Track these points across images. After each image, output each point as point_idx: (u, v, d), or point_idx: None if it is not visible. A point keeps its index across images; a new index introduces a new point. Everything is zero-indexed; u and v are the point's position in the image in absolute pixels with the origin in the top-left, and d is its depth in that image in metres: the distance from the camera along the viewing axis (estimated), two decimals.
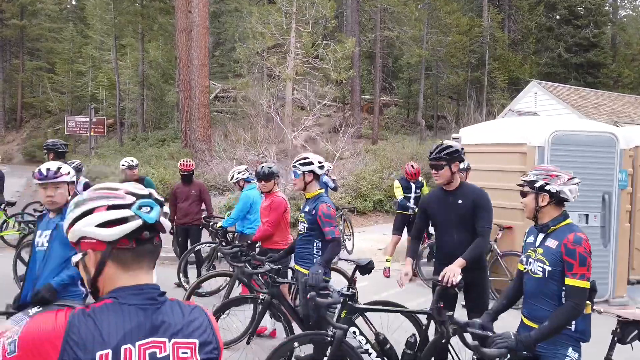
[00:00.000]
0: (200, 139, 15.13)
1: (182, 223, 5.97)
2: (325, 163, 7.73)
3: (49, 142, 5.37)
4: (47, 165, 2.91)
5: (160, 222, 1.20)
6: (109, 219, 1.16)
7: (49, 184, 2.88)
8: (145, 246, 1.21)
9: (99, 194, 1.21)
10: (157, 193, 1.30)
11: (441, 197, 3.53)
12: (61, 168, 2.89)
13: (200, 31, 15.05)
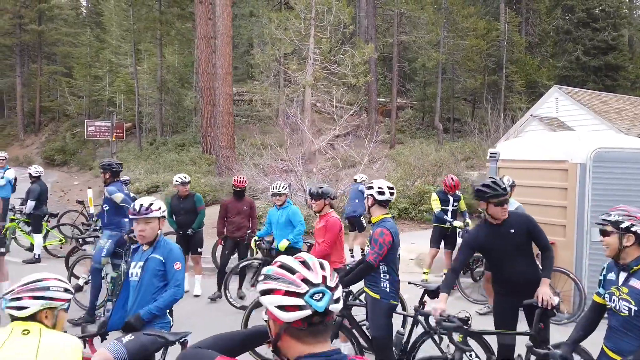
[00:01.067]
0: (225, 146, 15.34)
1: (234, 237, 6.15)
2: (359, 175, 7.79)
3: (105, 162, 5.55)
4: (140, 201, 3.07)
5: (330, 309, 1.34)
6: (285, 304, 1.32)
7: (140, 219, 3.05)
8: (317, 327, 1.34)
9: (281, 274, 1.36)
10: None
11: (492, 231, 3.59)
12: (152, 204, 3.05)
13: (224, 40, 15.26)
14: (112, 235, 5.33)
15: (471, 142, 23.40)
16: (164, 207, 3.12)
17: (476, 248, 3.70)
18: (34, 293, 2.06)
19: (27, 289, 2.06)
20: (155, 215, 3.03)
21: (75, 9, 49.21)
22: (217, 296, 6.15)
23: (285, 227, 5.59)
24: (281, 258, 1.42)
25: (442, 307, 3.39)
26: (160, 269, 3.09)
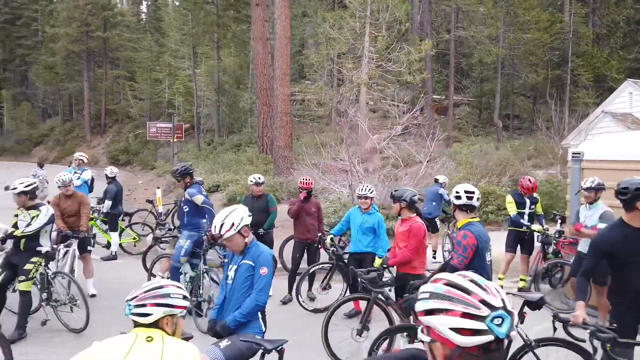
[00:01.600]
0: (283, 147, 15.50)
1: (304, 239, 6.15)
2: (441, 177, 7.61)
3: (179, 168, 5.69)
4: (215, 222, 3.05)
5: (510, 336, 1.22)
6: (461, 326, 1.21)
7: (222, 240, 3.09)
8: (493, 354, 1.23)
9: (456, 294, 1.25)
10: None
11: (630, 234, 3.27)
12: (224, 225, 3.02)
13: (282, 41, 15.42)
14: (191, 235, 5.48)
15: (534, 140, 22.39)
16: (241, 216, 3.07)
17: (608, 251, 3.37)
18: (157, 300, 2.10)
19: (150, 296, 2.11)
20: (230, 234, 3.03)
21: (136, 15, 51.57)
22: (288, 299, 6.17)
23: (368, 233, 5.44)
24: (446, 276, 1.31)
25: (584, 315, 3.14)
26: (250, 274, 3.11)
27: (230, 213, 3.05)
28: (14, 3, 51.94)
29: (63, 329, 5.06)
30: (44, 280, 5.06)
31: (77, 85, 45.03)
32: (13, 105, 48.17)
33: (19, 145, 46.25)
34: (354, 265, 5.51)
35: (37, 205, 5.09)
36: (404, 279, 4.56)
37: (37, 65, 46.87)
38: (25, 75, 53.35)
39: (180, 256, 5.45)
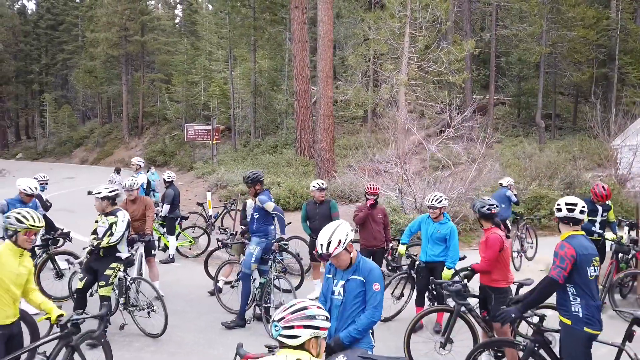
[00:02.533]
0: (325, 149, 15.49)
1: (370, 246, 6.08)
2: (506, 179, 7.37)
3: (250, 175, 5.70)
4: (320, 241, 3.01)
5: None
6: None
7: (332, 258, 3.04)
8: None
9: None
10: None
11: None
12: (331, 243, 2.96)
13: (325, 43, 15.42)
14: (260, 242, 5.51)
15: (579, 140, 21.71)
16: (346, 232, 3.01)
17: None
18: (304, 322, 2.09)
19: (296, 317, 2.10)
20: (339, 251, 2.98)
21: (172, 19, 52.69)
22: None
23: (439, 242, 5.32)
24: None
25: None
26: (361, 290, 3.06)
27: (335, 230, 2.99)
28: (55, 9, 53.91)
29: (140, 333, 5.16)
30: (122, 286, 5.18)
31: (116, 89, 46.34)
32: (55, 108, 49.96)
33: (60, 147, 47.94)
34: (424, 275, 5.42)
35: (114, 212, 5.21)
36: (485, 292, 4.46)
37: (77, 69, 48.49)
38: (66, 79, 55.28)
39: (251, 263, 5.48)
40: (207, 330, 5.44)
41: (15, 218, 3.42)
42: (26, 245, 3.43)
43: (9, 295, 3.36)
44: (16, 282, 3.39)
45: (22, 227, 3.40)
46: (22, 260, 3.47)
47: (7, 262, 3.36)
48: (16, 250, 3.42)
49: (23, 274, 3.46)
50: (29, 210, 3.50)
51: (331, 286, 3.18)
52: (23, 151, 50.16)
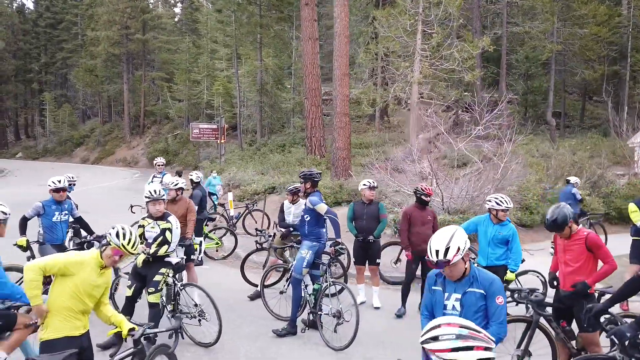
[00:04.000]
0: (342, 148, 15.23)
1: (421, 249, 5.82)
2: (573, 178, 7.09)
3: (306, 172, 5.44)
4: (435, 246, 2.75)
5: None
6: None
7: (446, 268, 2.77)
8: None
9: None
10: None
11: None
12: (449, 250, 2.66)
13: (342, 40, 15.16)
14: (312, 246, 5.24)
15: (590, 139, 21.57)
16: (464, 239, 2.74)
17: None
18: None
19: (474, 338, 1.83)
20: (457, 259, 2.71)
21: (173, 17, 52.24)
22: (403, 313, 5.87)
23: (501, 245, 5.04)
24: None
25: None
26: (482, 304, 2.79)
27: (453, 235, 2.71)
28: (55, 8, 53.38)
29: (190, 342, 4.89)
30: (171, 292, 4.92)
31: (117, 87, 45.91)
32: (55, 107, 49.47)
33: (60, 146, 47.49)
34: None
35: (165, 216, 4.95)
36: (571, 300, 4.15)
37: (77, 68, 48.00)
38: (66, 78, 54.77)
39: (302, 267, 5.22)
40: (258, 338, 5.18)
41: (117, 231, 3.22)
42: (107, 262, 3.22)
43: (82, 306, 3.13)
44: (91, 293, 3.17)
45: (114, 242, 3.19)
46: (103, 273, 3.26)
47: (88, 272, 3.15)
48: (100, 262, 3.21)
49: (100, 287, 3.24)
50: (134, 232, 3.27)
51: (441, 300, 2.89)
52: (23, 150, 49.67)
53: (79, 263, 3.12)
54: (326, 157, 20.43)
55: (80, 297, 3.10)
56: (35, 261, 3.08)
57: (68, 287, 3.08)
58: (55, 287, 3.12)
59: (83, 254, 3.20)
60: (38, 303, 3.06)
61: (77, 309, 3.12)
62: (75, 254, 3.22)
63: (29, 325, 3.52)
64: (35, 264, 3.05)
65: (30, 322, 3.53)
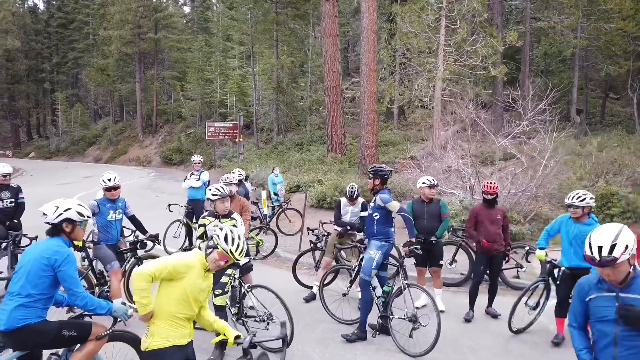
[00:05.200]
0: (369, 145, 14.93)
1: (490, 250, 5.52)
2: None
3: (376, 167, 5.14)
4: (600, 243, 2.45)
5: None
6: None
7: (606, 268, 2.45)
8: None
9: None
10: None
11: None
12: (616, 246, 2.38)
13: (369, 36, 14.86)
14: (381, 246, 4.94)
15: (617, 136, 21.09)
16: (633, 237, 2.43)
17: None
18: None
19: None
20: (625, 258, 2.36)
21: (184, 16, 52.14)
22: (472, 316, 5.57)
23: (584, 246, 4.74)
24: None
25: None
26: None
27: (620, 232, 2.39)
28: (66, 8, 53.45)
29: None
30: (236, 294, 4.65)
31: (128, 87, 45.84)
32: (67, 107, 49.53)
33: (73, 145, 47.52)
34: (567, 283, 4.84)
35: (230, 214, 4.69)
36: None
37: (89, 68, 48.01)
38: (77, 78, 54.87)
39: (371, 269, 4.92)
40: (327, 343, 4.90)
41: (225, 234, 2.95)
42: (212, 266, 2.96)
43: (189, 312, 2.88)
44: (197, 298, 2.91)
45: (222, 247, 2.92)
46: (207, 276, 3.01)
47: (195, 275, 2.89)
48: (205, 265, 2.95)
49: (204, 291, 2.98)
50: (241, 237, 3.01)
51: (600, 310, 2.52)
52: (36, 150, 49.77)
53: (187, 266, 2.86)
54: (347, 155, 20.16)
55: (188, 302, 2.85)
56: (144, 268, 2.81)
57: (175, 292, 2.82)
58: (162, 292, 2.85)
59: (188, 257, 2.93)
60: (147, 311, 2.81)
61: (184, 315, 2.86)
62: (181, 256, 2.94)
63: (102, 336, 3.28)
64: (145, 271, 2.78)
65: (104, 332, 3.29)
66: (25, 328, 3.02)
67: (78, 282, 3.16)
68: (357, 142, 24.06)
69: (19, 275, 3.11)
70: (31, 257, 3.13)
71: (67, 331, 3.15)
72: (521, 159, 10.42)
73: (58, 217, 3.21)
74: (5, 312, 3.02)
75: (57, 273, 3.08)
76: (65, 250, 3.17)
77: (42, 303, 3.11)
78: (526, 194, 9.98)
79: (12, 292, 3.08)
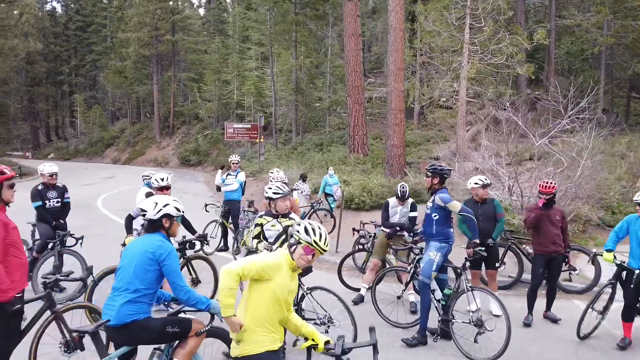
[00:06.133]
0: (397, 145, 14.73)
1: (548, 251, 5.32)
2: None
3: (436, 166, 4.95)
4: None
5: None
6: None
7: None
8: None
9: None
10: None
11: None
12: None
13: (397, 34, 14.67)
14: (441, 247, 4.79)
15: None
16: None
17: None
18: None
19: None
20: None
21: (201, 18, 52.41)
22: (531, 321, 5.36)
23: None
24: None
25: None
26: None
27: None
28: (84, 11, 54.07)
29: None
30: (295, 296, 4.52)
31: (146, 89, 46.17)
32: (85, 109, 50.05)
33: (91, 147, 48.00)
34: (636, 286, 4.65)
35: (288, 214, 4.58)
36: None
37: (107, 70, 48.46)
38: (95, 80, 55.43)
39: (432, 271, 4.77)
40: (387, 348, 4.75)
41: (304, 227, 2.81)
42: (300, 262, 2.80)
43: (280, 315, 2.76)
44: (287, 299, 2.78)
45: (305, 240, 2.77)
46: (294, 277, 2.86)
47: (284, 276, 2.75)
48: (291, 263, 2.81)
49: (293, 292, 2.86)
50: (321, 227, 2.87)
51: None
52: (55, 151, 50.37)
53: (276, 266, 2.72)
54: (369, 156, 19.98)
55: (279, 304, 2.72)
56: (232, 266, 2.67)
57: (265, 294, 2.69)
58: (252, 295, 2.72)
59: (276, 257, 2.79)
60: (230, 314, 2.66)
61: (276, 319, 2.74)
62: (267, 255, 2.82)
63: (201, 332, 3.27)
64: (233, 269, 2.64)
65: (202, 328, 3.27)
66: (134, 324, 3.05)
67: (181, 276, 3.19)
68: (377, 142, 23.89)
69: (124, 271, 3.16)
70: (135, 252, 3.17)
71: (171, 327, 3.18)
72: (561, 158, 10.13)
73: (158, 212, 3.26)
74: (114, 307, 3.06)
75: (161, 267, 3.12)
76: (168, 244, 3.21)
77: (149, 298, 3.15)
78: (567, 195, 9.73)
79: (119, 287, 3.13)
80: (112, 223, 11.67)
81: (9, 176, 3.37)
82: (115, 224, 11.56)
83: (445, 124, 24.26)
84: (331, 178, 12.00)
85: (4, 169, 3.39)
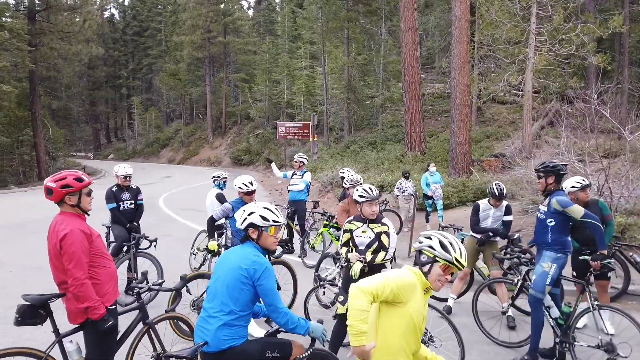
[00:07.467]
0: (462, 142, 13.97)
1: None
2: None
3: (549, 164, 4.33)
4: None
5: None
6: None
7: None
8: None
9: None
10: None
11: None
12: None
13: (462, 25, 13.93)
14: (557, 258, 4.21)
15: None
16: None
17: None
18: None
19: None
20: None
21: (251, 19, 53.07)
22: None
23: None
24: None
25: None
26: None
27: None
28: (140, 16, 56.08)
29: None
30: None
31: (199, 90, 47.26)
32: (142, 111, 51.93)
33: (148, 147, 49.71)
34: None
35: (379, 219, 4.16)
36: None
37: (162, 73, 50.02)
38: (151, 83, 57.39)
39: (545, 284, 4.19)
40: None
41: (440, 242, 2.36)
42: (436, 285, 2.36)
43: (415, 346, 2.34)
44: (422, 327, 2.37)
45: (444, 258, 2.32)
46: (426, 299, 2.41)
47: (419, 299, 2.31)
48: (425, 284, 2.36)
49: (426, 319, 2.42)
50: (458, 242, 2.43)
51: None
52: (114, 152, 52.60)
53: (411, 286, 2.29)
54: (427, 154, 19.24)
55: (416, 332, 2.30)
56: (364, 284, 2.26)
57: (402, 320, 2.27)
58: (384, 321, 2.30)
59: (409, 275, 2.35)
60: (362, 344, 2.17)
61: (411, 350, 2.32)
62: (400, 274, 2.35)
63: (302, 358, 2.89)
64: (366, 287, 2.20)
65: (303, 353, 2.89)
66: (231, 350, 2.71)
67: (279, 297, 2.77)
68: (432, 140, 23.03)
69: (216, 288, 2.81)
70: (227, 268, 2.79)
71: (271, 352, 2.84)
72: None
73: (243, 222, 2.89)
74: (209, 332, 2.71)
75: (256, 287, 2.73)
76: (263, 260, 2.79)
77: (244, 320, 2.77)
78: None
79: (212, 308, 2.77)
80: (175, 223, 11.71)
81: (87, 183, 3.08)
82: (178, 223, 11.58)
83: (504, 119, 23.06)
84: (432, 176, 10.67)
85: (82, 176, 3.08)
